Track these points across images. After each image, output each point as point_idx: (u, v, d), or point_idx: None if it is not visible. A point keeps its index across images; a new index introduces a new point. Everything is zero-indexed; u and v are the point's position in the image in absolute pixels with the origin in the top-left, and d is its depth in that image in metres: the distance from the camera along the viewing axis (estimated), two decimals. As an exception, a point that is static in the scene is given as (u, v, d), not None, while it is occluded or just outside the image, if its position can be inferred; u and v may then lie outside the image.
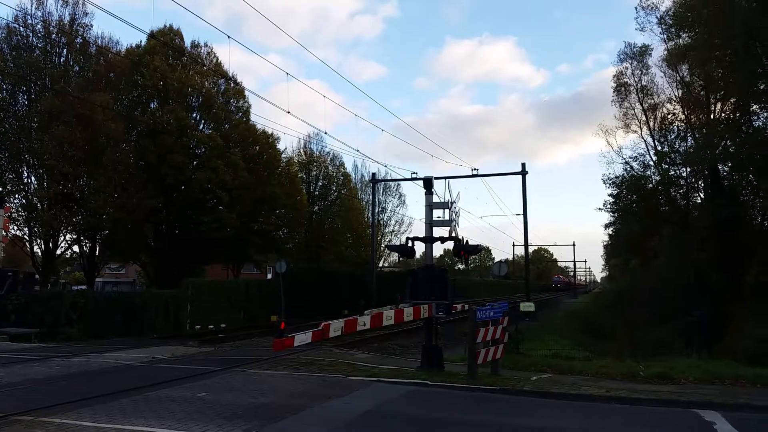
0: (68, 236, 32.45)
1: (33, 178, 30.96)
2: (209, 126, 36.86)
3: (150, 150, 32.96)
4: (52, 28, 31.32)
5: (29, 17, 30.61)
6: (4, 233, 23.01)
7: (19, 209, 30.04)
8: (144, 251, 36.84)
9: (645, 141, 36.96)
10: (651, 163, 35.93)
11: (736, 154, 28.91)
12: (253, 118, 39.07)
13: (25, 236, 31.13)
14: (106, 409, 8.56)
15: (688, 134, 34.32)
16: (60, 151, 28.20)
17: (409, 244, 14.52)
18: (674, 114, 35.50)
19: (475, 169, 27.21)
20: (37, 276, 30.02)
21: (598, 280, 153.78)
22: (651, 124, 36.73)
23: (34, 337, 20.90)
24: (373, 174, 39.35)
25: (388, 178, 45.74)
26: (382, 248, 52.50)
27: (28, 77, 30.02)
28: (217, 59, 38.16)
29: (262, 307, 33.35)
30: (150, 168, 33.13)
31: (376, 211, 44.50)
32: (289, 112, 21.44)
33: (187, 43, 37.57)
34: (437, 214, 14.44)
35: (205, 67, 36.43)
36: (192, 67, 36.10)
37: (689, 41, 31.47)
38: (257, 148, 38.71)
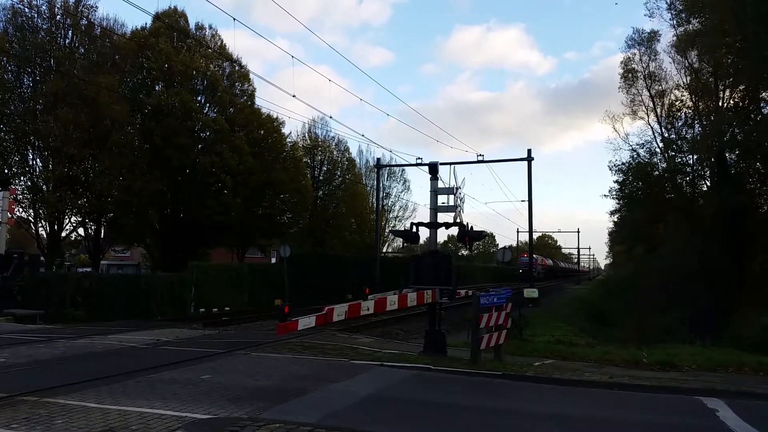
0: (73, 218, 32.68)
1: (38, 161, 31.07)
2: (214, 109, 36.80)
3: (155, 133, 32.92)
4: (57, 10, 31.21)
5: (34, -2, 30.50)
6: (9, 215, 23.03)
7: (25, 191, 30.15)
8: (149, 234, 36.98)
9: (652, 128, 36.73)
10: (658, 150, 35.73)
11: (744, 142, 28.68)
12: (258, 102, 39.08)
13: (31, 218, 31.30)
14: (110, 391, 8.60)
15: (696, 121, 34.04)
16: (65, 134, 28.23)
17: (414, 229, 14.46)
18: (682, 101, 35.24)
19: (480, 155, 27.16)
20: (42, 258, 30.17)
21: (602, 267, 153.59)
22: (658, 110, 36.47)
23: (39, 319, 21.02)
24: (378, 159, 39.19)
25: (393, 163, 45.61)
26: (386, 233, 52.51)
27: (33, 59, 29.98)
28: (222, 42, 38.05)
29: (266, 291, 33.45)
30: (155, 151, 33.12)
31: (381, 196, 44.52)
32: (294, 96, 21.28)
33: (192, 25, 37.45)
34: (442, 199, 14.38)
35: (209, 50, 36.28)
36: (197, 50, 35.96)
37: (699, 27, 31.12)
38: (262, 132, 38.67)
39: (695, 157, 33.29)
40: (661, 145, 35.36)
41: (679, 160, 34.08)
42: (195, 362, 11.52)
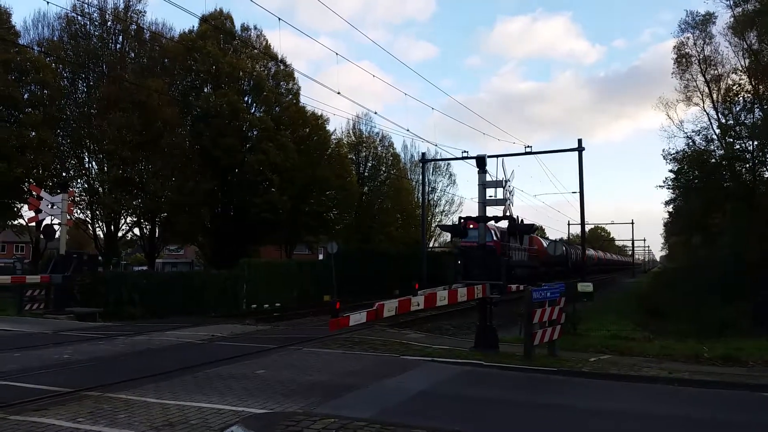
0: (129, 219, 33.68)
1: (94, 163, 32.19)
2: (260, 109, 37.29)
3: (204, 134, 33.60)
4: (107, 16, 32.17)
5: (86, 6, 31.56)
6: (68, 217, 23.87)
7: (82, 193, 31.25)
8: (201, 232, 37.81)
9: (708, 114, 35.30)
10: (714, 136, 34.30)
11: (808, 126, 27.31)
12: (303, 100, 39.39)
13: (88, 219, 32.42)
14: (169, 386, 8.80)
15: (756, 105, 32.54)
16: (119, 137, 29.08)
17: (462, 223, 14.33)
18: (740, 85, 33.68)
19: (528, 147, 26.73)
20: (100, 258, 31.19)
21: (657, 259, 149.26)
22: (714, 96, 35.02)
23: (98, 316, 21.72)
24: (423, 154, 38.99)
25: (438, 157, 45.27)
26: (432, 228, 52.21)
27: (87, 65, 31.01)
28: (267, 42, 38.51)
29: (315, 286, 33.76)
30: (205, 151, 33.82)
31: (426, 191, 44.19)
32: (339, 93, 21.34)
33: (237, 26, 38.03)
34: (490, 192, 14.14)
35: (255, 51, 36.77)
36: (243, 51, 36.50)
37: (759, 6, 29.72)
38: (307, 130, 38.99)
39: (755, 143, 31.87)
40: (717, 131, 33.99)
41: (738, 146, 32.70)
42: (249, 357, 11.70)
